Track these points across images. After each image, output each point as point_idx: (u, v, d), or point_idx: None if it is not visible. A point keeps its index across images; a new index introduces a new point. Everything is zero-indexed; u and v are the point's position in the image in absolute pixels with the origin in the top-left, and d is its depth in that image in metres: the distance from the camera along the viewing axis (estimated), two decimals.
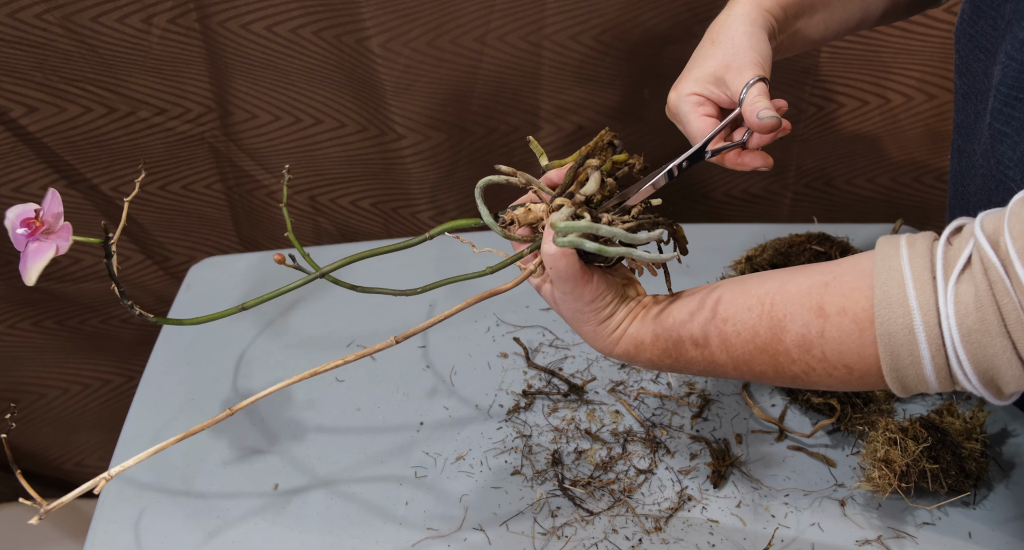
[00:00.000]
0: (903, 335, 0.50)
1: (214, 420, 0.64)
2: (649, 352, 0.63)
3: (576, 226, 0.59)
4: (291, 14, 1.01)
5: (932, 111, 1.12)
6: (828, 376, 0.56)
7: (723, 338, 0.59)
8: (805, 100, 1.14)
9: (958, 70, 0.70)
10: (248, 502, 0.78)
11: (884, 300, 0.51)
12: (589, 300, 0.62)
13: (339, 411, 0.87)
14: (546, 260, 0.61)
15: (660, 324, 0.62)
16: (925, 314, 0.49)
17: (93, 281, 1.23)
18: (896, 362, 0.51)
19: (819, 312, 0.54)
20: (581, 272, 0.61)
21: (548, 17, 1.03)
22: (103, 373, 1.32)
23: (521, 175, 0.64)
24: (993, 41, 0.64)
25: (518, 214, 0.65)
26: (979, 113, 0.67)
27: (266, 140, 1.14)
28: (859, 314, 0.52)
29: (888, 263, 0.52)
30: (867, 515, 0.74)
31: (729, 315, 0.59)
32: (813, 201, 1.25)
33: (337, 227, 1.25)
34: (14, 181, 1.10)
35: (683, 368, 0.63)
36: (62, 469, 1.37)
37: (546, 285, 0.65)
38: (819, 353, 0.55)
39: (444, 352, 0.93)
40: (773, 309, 0.57)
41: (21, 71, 1.01)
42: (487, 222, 0.65)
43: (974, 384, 0.50)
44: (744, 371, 0.60)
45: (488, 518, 0.75)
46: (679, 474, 0.79)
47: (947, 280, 0.49)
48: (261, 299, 0.67)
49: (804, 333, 0.55)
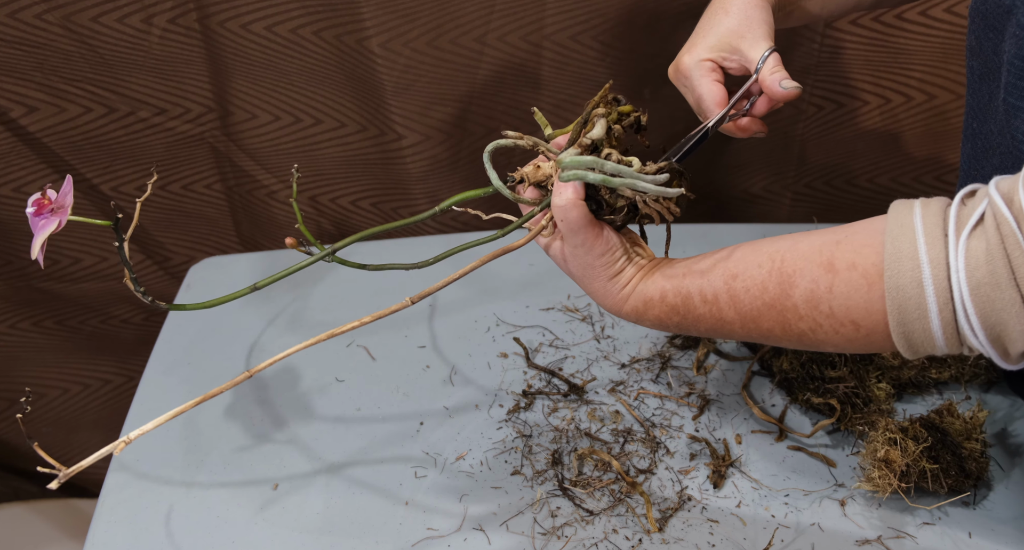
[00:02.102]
0: (911, 288, 0.50)
1: (233, 382, 0.64)
2: (658, 309, 0.63)
3: (582, 161, 0.60)
4: (291, 14, 1.01)
5: (932, 111, 1.12)
6: (835, 333, 0.55)
7: (732, 294, 0.59)
8: (805, 100, 1.14)
9: (971, 51, 0.70)
10: (248, 502, 0.78)
11: (894, 254, 0.51)
12: (600, 253, 0.63)
13: (339, 411, 0.87)
14: (556, 213, 0.62)
15: (670, 280, 0.63)
16: (935, 268, 0.49)
17: (93, 281, 1.23)
18: (903, 316, 0.51)
19: (829, 267, 0.54)
20: (591, 223, 0.62)
21: (548, 17, 1.02)
22: (103, 373, 1.32)
23: (528, 138, 0.65)
24: (1000, 18, 0.64)
25: (527, 171, 0.65)
26: (993, 92, 0.67)
27: (266, 140, 1.14)
28: (869, 269, 0.53)
29: (901, 221, 0.52)
30: (867, 515, 0.74)
31: (739, 271, 0.59)
32: (813, 201, 1.25)
33: (337, 227, 1.25)
34: (14, 181, 1.10)
35: (690, 326, 0.63)
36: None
37: (555, 243, 0.66)
38: (827, 309, 0.55)
39: (444, 352, 0.93)
40: (783, 265, 0.57)
41: (21, 71, 1.01)
42: (495, 185, 0.65)
43: (981, 340, 0.50)
44: (751, 328, 0.60)
45: (488, 518, 0.75)
46: (679, 474, 0.79)
47: (959, 235, 0.49)
48: (273, 279, 0.68)
49: (813, 288, 0.55)
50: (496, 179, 0.65)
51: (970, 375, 0.84)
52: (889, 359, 0.82)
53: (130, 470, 0.83)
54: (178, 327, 0.99)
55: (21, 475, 1.39)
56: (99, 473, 0.82)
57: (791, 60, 1.10)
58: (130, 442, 0.64)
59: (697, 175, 1.23)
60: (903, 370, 0.83)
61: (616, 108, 0.66)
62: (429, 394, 0.88)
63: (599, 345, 0.92)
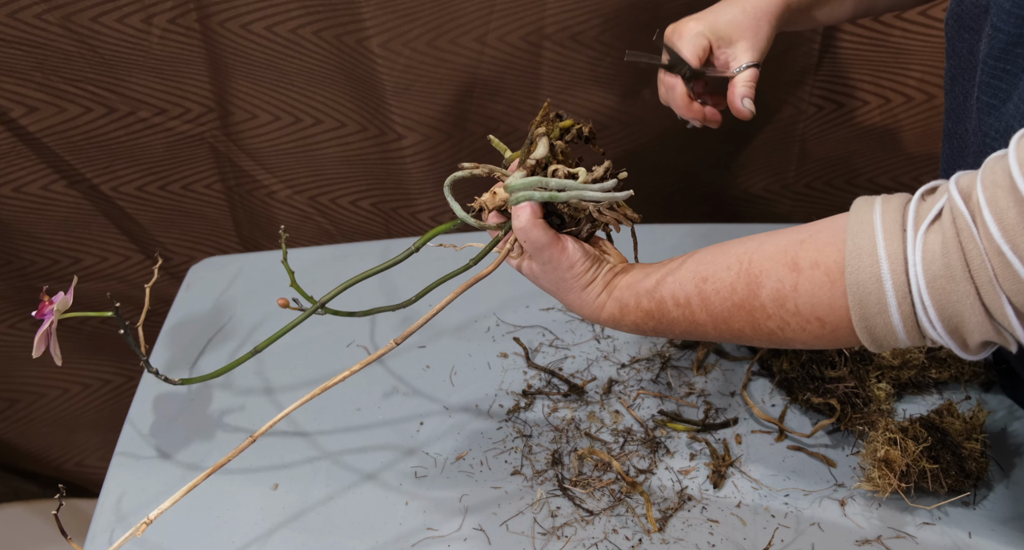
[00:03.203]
0: (871, 283, 0.51)
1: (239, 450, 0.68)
2: (633, 315, 0.65)
3: (527, 182, 0.63)
4: (291, 14, 1.01)
5: (932, 111, 1.12)
6: (802, 330, 0.57)
7: (703, 297, 0.61)
8: (805, 100, 1.14)
9: (947, 53, 0.72)
10: (248, 502, 0.78)
11: (855, 251, 0.52)
12: (568, 266, 0.65)
13: (339, 411, 0.87)
14: (519, 235, 0.64)
15: (643, 286, 0.64)
16: (893, 263, 0.51)
17: (93, 281, 1.23)
18: (864, 311, 0.52)
19: (793, 267, 0.56)
20: (553, 239, 0.64)
21: (548, 17, 1.03)
22: (103, 373, 1.32)
23: (483, 166, 0.67)
24: (977, 19, 0.65)
25: (485, 199, 0.68)
26: (968, 92, 0.69)
27: (266, 140, 1.14)
28: (831, 267, 0.54)
29: (861, 217, 0.53)
30: (867, 515, 0.74)
31: (709, 274, 0.61)
32: (813, 201, 1.25)
33: (337, 227, 1.25)
34: (14, 181, 1.10)
35: (666, 330, 0.65)
36: (62, 469, 1.37)
37: (524, 263, 0.68)
38: (792, 306, 0.56)
39: (444, 352, 0.93)
40: (751, 266, 0.58)
41: (21, 71, 1.01)
42: (459, 215, 0.68)
43: (939, 332, 0.51)
44: (723, 330, 0.61)
45: (488, 518, 0.75)
46: (679, 474, 0.79)
47: (916, 230, 0.50)
48: (271, 340, 0.73)
49: (779, 287, 0.56)
50: (459, 210, 0.68)
51: (970, 375, 0.84)
52: (889, 359, 0.82)
53: (130, 470, 0.83)
54: (178, 327, 0.99)
55: (21, 475, 1.39)
56: (99, 473, 0.82)
57: (791, 60, 1.10)
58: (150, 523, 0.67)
59: (697, 175, 1.24)
60: (903, 370, 0.83)
61: (557, 124, 0.68)
62: (429, 394, 0.88)
63: (599, 345, 0.92)
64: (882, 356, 0.82)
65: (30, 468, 1.37)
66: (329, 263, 1.07)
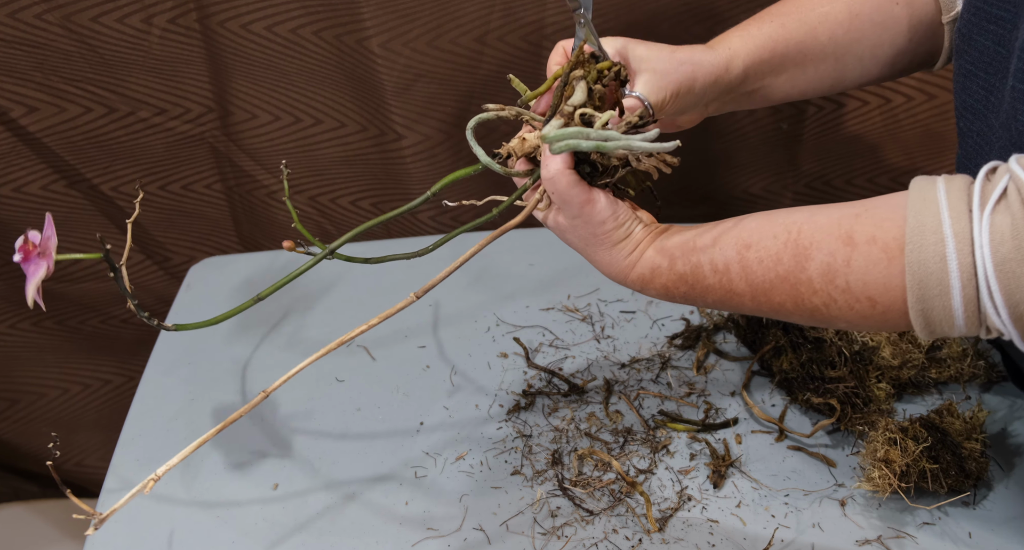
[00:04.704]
0: (934, 263, 0.49)
1: (251, 404, 0.63)
2: (665, 277, 0.61)
3: (565, 133, 0.58)
4: (291, 14, 1.01)
5: (932, 111, 1.12)
6: (849, 309, 0.54)
7: (744, 265, 0.57)
8: (805, 100, 1.14)
9: (958, 51, 0.69)
10: (248, 502, 0.78)
11: (917, 228, 0.49)
12: (600, 221, 0.61)
13: (339, 411, 0.87)
14: (547, 185, 0.60)
15: (680, 247, 0.60)
16: (959, 242, 0.48)
17: (93, 281, 1.23)
18: (924, 292, 0.49)
19: (847, 240, 0.53)
20: (584, 190, 0.60)
21: (548, 17, 1.02)
22: (103, 373, 1.32)
23: (510, 108, 0.63)
24: (1011, 6, 0.62)
25: (514, 145, 0.63)
26: (990, 86, 0.65)
27: (266, 140, 1.14)
28: (889, 243, 0.51)
29: (924, 195, 0.51)
30: (867, 515, 0.74)
31: (753, 241, 0.57)
32: (813, 201, 1.25)
33: (337, 227, 1.25)
34: (14, 181, 1.10)
35: (698, 297, 0.61)
36: (62, 469, 1.37)
37: (551, 215, 0.63)
38: (843, 283, 0.53)
39: (444, 352, 0.93)
40: (800, 237, 0.55)
41: (21, 71, 1.01)
42: (483, 161, 0.63)
43: (1004, 319, 0.48)
44: (762, 302, 0.58)
45: (488, 518, 0.75)
46: (679, 474, 0.79)
47: (983, 210, 0.48)
48: (276, 286, 0.66)
49: (829, 262, 0.53)
50: (483, 155, 0.63)
51: (970, 375, 0.84)
52: (889, 359, 0.82)
53: (130, 470, 0.83)
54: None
55: (21, 475, 1.39)
56: (99, 473, 0.82)
57: None
58: (158, 479, 0.61)
59: (697, 175, 1.24)
60: (903, 370, 0.83)
61: (594, 66, 0.63)
62: (429, 394, 0.88)
63: (599, 345, 0.92)
64: (882, 356, 0.82)
65: (30, 468, 1.37)
66: (329, 263, 1.06)
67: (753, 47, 0.71)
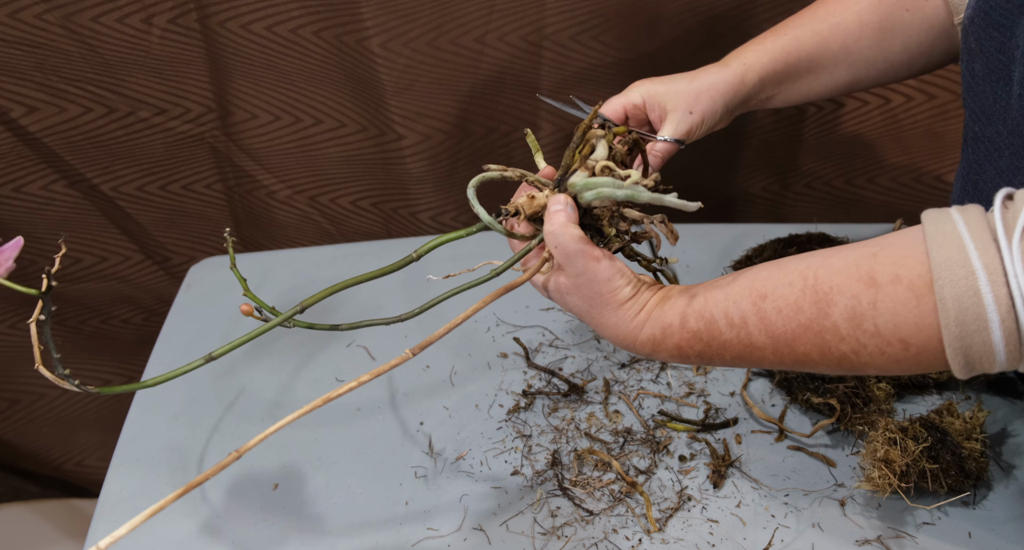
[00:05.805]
0: (968, 297, 0.46)
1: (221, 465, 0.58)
2: (678, 336, 0.58)
3: (599, 181, 0.58)
4: (291, 14, 1.01)
5: (932, 111, 1.12)
6: (880, 354, 0.51)
7: (762, 316, 0.55)
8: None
9: (970, 53, 0.68)
10: (248, 502, 0.78)
11: (943, 263, 0.47)
12: (605, 278, 0.58)
13: (339, 411, 0.87)
14: (549, 240, 0.59)
15: (690, 304, 0.58)
16: (991, 274, 0.46)
17: (93, 281, 1.23)
18: (962, 329, 0.47)
19: (869, 282, 0.50)
20: (589, 246, 0.58)
21: (548, 17, 1.02)
22: (103, 373, 1.32)
23: (513, 170, 0.63)
24: (1009, 14, 0.62)
25: (522, 203, 0.62)
26: (999, 92, 0.65)
27: (266, 140, 1.14)
28: (915, 281, 0.49)
29: (942, 228, 0.49)
30: (867, 515, 0.74)
31: (768, 291, 0.55)
32: (813, 201, 1.25)
33: (337, 227, 1.25)
34: (14, 181, 1.10)
35: (715, 354, 0.58)
36: (62, 469, 1.37)
37: (553, 277, 0.62)
38: (871, 327, 0.50)
39: (444, 352, 0.93)
40: (817, 282, 0.53)
41: (21, 71, 1.01)
42: (486, 221, 0.62)
43: None
44: (785, 354, 0.55)
45: (488, 518, 0.76)
46: (679, 474, 0.79)
47: (1010, 239, 0.46)
48: (230, 347, 0.65)
49: (854, 305, 0.51)
50: (485, 215, 0.61)
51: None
52: None
53: (130, 470, 0.83)
54: (178, 327, 0.99)
55: (21, 475, 1.39)
56: (99, 473, 0.82)
57: None
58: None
59: (697, 175, 1.24)
60: None
61: (612, 129, 0.63)
62: (429, 394, 0.88)
63: (599, 345, 0.92)
64: None
65: (30, 468, 1.37)
66: (329, 263, 1.07)
67: (768, 60, 0.75)
